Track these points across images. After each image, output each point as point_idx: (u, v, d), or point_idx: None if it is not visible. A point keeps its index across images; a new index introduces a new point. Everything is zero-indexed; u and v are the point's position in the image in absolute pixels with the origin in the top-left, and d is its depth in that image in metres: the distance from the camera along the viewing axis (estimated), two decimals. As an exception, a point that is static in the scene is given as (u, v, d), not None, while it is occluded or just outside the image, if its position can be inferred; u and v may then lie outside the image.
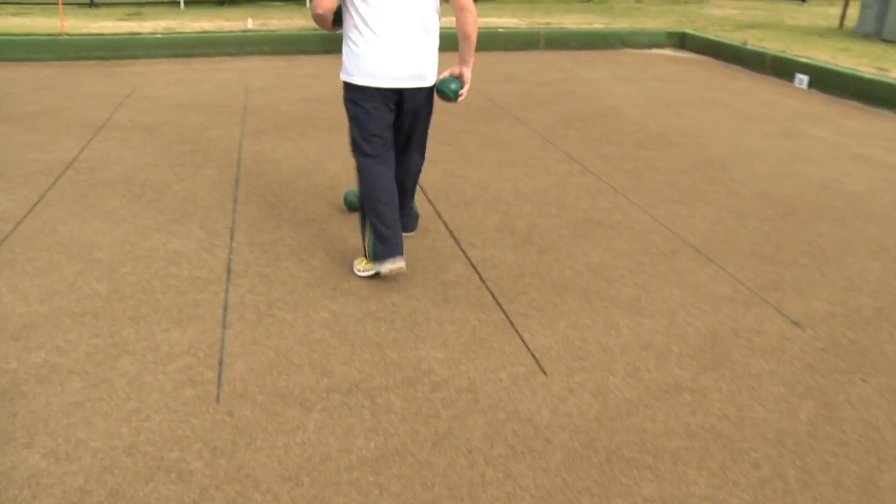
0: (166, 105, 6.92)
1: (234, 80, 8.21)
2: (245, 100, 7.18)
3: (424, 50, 3.42)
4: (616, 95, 7.59)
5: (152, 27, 10.98)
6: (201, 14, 13.05)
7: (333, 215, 4.30)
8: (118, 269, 3.63)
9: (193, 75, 8.47)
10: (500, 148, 5.68)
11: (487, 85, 8.06)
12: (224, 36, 10.08)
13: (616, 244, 4.01)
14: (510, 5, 15.41)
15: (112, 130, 6.04)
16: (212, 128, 6.13)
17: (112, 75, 8.46)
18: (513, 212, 4.42)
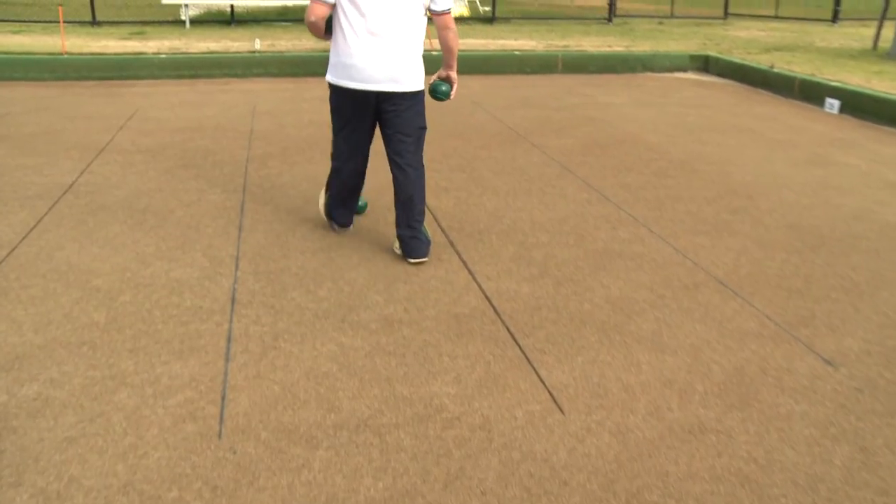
0: (170, 128, 6.99)
1: (240, 102, 8.30)
2: (251, 123, 7.25)
3: (402, 57, 3.93)
4: (637, 121, 7.63)
5: (156, 47, 11.13)
6: (207, 34, 13.23)
7: (343, 244, 4.32)
8: (117, 297, 3.65)
9: (198, 97, 8.56)
10: (515, 175, 5.71)
11: (503, 110, 8.11)
12: (230, 57, 10.20)
13: (636, 276, 4.01)
14: (527, 27, 15.54)
15: (113, 153, 6.11)
16: (217, 152, 6.20)
17: (114, 96, 8.56)
18: (529, 242, 4.43)
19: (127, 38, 12.47)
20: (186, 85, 9.43)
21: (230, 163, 5.89)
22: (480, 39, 12.90)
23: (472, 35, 13.73)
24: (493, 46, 11.88)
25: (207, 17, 15.54)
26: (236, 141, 6.55)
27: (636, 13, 18.48)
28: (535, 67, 10.73)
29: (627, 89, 9.57)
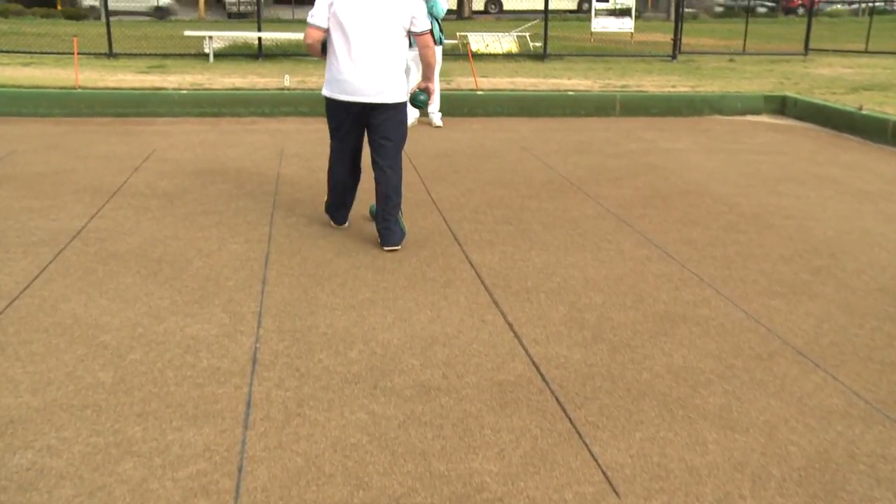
0: (190, 170, 7.16)
1: (266, 143, 8.48)
2: (279, 166, 7.40)
3: (384, 73, 5.08)
4: (703, 169, 7.63)
5: (177, 82, 11.44)
6: (232, 68, 13.57)
7: (376, 301, 4.37)
8: (126, 355, 3.71)
9: (221, 137, 8.77)
10: (567, 228, 5.74)
11: (554, 156, 8.18)
12: (257, 94, 10.44)
13: (702, 343, 3.98)
14: (581, 64, 15.68)
15: (127, 197, 6.27)
16: (240, 197, 6.32)
17: (129, 134, 8.80)
18: (581, 303, 4.43)
19: (145, 71, 12.84)
20: (209, 123, 9.66)
21: (254, 209, 6.01)
22: (530, 78, 13.05)
23: (521, 73, 13.90)
24: (544, 86, 12.01)
25: (233, 50, 15.96)
26: (262, 186, 6.68)
27: (703, 49, 18.58)
28: (590, 109, 10.83)
29: (693, 134, 9.60)
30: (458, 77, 12.81)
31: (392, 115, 5.17)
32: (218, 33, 16.56)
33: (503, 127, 9.89)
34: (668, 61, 16.43)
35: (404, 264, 4.94)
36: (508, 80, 12.76)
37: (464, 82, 12.10)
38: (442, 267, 4.91)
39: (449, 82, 12.01)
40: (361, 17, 5.02)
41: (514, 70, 14.35)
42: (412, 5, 5.11)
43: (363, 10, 5.01)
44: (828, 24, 28.66)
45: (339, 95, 5.12)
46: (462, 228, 5.68)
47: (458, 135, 9.27)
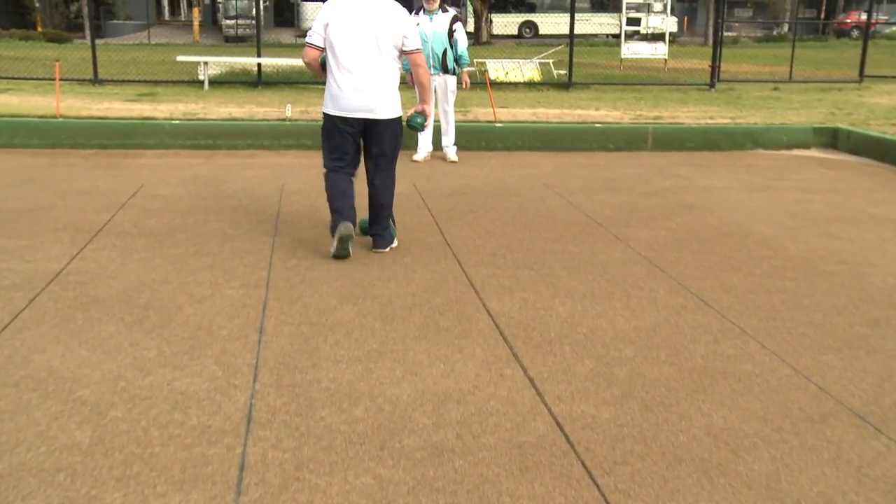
0: (181, 207, 7.21)
1: (266, 178, 8.54)
2: (279, 204, 7.44)
3: (377, 92, 5.91)
4: (745, 209, 7.63)
5: (168, 111, 11.57)
6: (229, 97, 13.72)
7: (384, 353, 4.36)
8: (107, 412, 3.70)
9: (216, 172, 8.83)
10: (594, 274, 5.73)
11: (579, 194, 8.20)
12: (256, 125, 10.54)
13: (745, 403, 3.95)
14: (610, 94, 15.78)
15: (111, 236, 6.31)
16: (236, 237, 6.35)
17: (115, 168, 8.88)
18: (610, 356, 4.41)
19: (134, 99, 12.99)
20: (203, 157, 9.74)
21: (252, 251, 6.03)
22: (554, 109, 13.13)
23: (545, 103, 13.99)
24: (570, 118, 12.08)
25: (230, 77, 16.15)
26: (260, 225, 6.72)
27: (745, 77, 18.63)
28: (619, 143, 10.87)
29: (734, 170, 9.61)
30: (476, 108, 12.90)
31: (387, 130, 6.01)
32: (213, 59, 16.76)
33: (524, 162, 9.94)
34: (705, 90, 16.51)
35: (415, 312, 4.94)
36: (530, 111, 12.84)
37: (481, 113, 12.18)
38: (456, 316, 4.91)
39: (465, 113, 12.10)
40: (355, 37, 5.85)
41: (537, 100, 14.45)
42: (403, 25, 5.93)
43: (357, 31, 5.85)
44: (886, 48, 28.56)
45: (337, 112, 5.97)
46: (479, 273, 5.68)
47: (474, 171, 9.31)
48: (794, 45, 19.15)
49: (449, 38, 9.45)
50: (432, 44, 9.40)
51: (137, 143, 10.14)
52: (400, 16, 5.94)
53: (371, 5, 5.88)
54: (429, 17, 9.48)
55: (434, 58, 9.44)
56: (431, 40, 9.40)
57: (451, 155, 9.82)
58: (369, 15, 5.86)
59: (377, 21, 5.84)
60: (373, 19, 5.85)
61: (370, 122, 5.93)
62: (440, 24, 9.44)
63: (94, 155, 9.72)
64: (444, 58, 9.46)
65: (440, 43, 9.42)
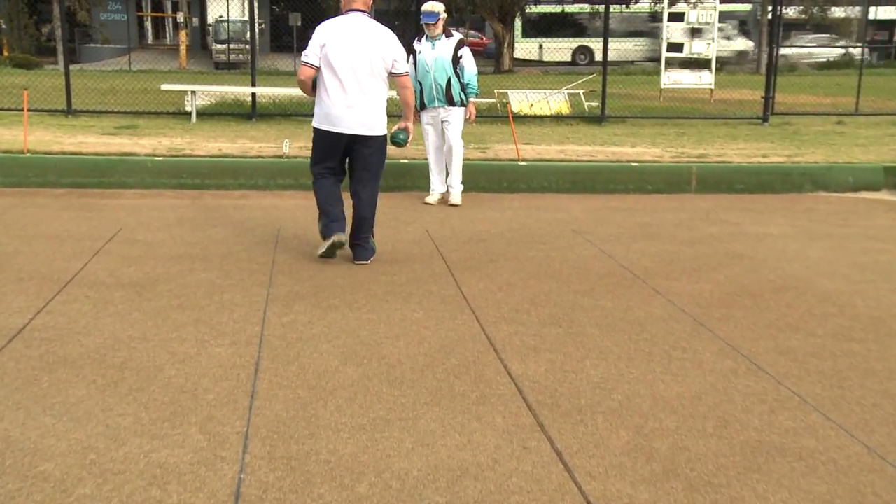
0: (164, 254, 7.25)
1: (260, 222, 8.58)
2: (274, 251, 7.48)
3: (368, 110, 7.12)
4: (804, 260, 7.62)
5: (151, 146, 11.66)
6: (219, 130, 13.83)
7: (391, 421, 4.35)
8: (73, 489, 3.68)
9: (204, 214, 8.88)
10: (631, 332, 5.72)
11: (614, 242, 8.20)
12: (249, 162, 10.62)
13: (808, 485, 3.92)
14: (648, 129, 15.83)
15: (84, 287, 6.34)
16: (225, 289, 6.38)
17: (90, 210, 8.94)
18: (650, 427, 4.39)
19: (112, 132, 13.11)
20: (189, 198, 9.80)
21: (243, 304, 6.05)
22: (584, 146, 13.18)
23: (574, 139, 14.05)
24: (602, 155, 12.12)
25: (220, 108, 16.29)
26: (253, 275, 6.75)
27: (803, 109, 18.62)
28: (659, 184, 10.90)
29: (790, 215, 9.61)
30: (496, 144, 12.96)
31: (373, 146, 7.23)
32: (202, 87, 16.93)
33: (551, 205, 9.97)
34: (757, 124, 16.55)
35: (427, 375, 4.93)
36: (557, 147, 12.89)
37: (503, 150, 12.24)
38: (474, 379, 4.90)
39: (485, 150, 12.16)
40: (350, 58, 7.03)
41: (565, 135, 14.52)
42: (394, 48, 7.20)
43: (351, 53, 7.03)
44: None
45: (329, 127, 7.12)
46: (499, 331, 5.68)
47: (495, 215, 9.34)
48: (861, 72, 18.93)
49: (454, 65, 9.47)
50: (434, 73, 9.44)
51: (115, 181, 10.21)
52: (390, 40, 7.20)
53: (364, 29, 7.10)
54: (431, 44, 9.52)
55: (437, 89, 9.49)
56: (434, 69, 9.44)
57: (454, 197, 9.82)
58: (363, 38, 7.07)
59: (370, 44, 7.07)
60: (366, 42, 7.06)
61: (359, 138, 7.13)
62: (444, 50, 9.46)
63: (65, 195, 9.79)
64: (448, 88, 9.48)
65: (443, 71, 9.45)
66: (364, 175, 7.27)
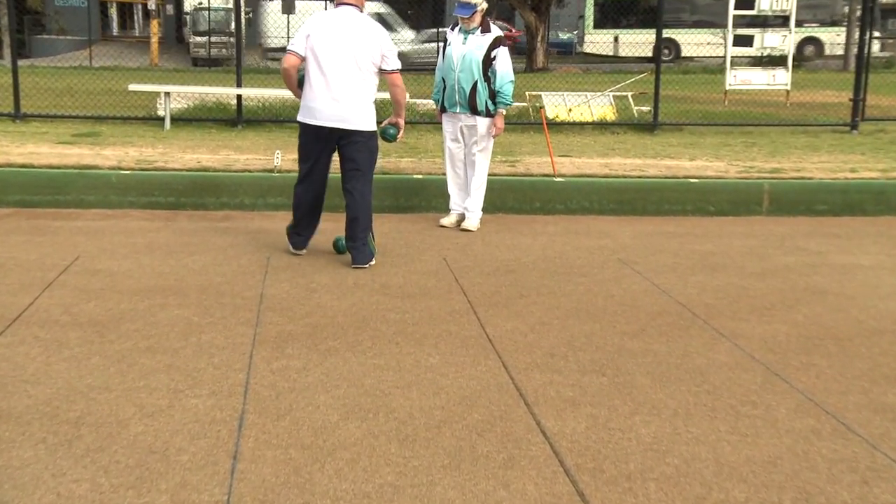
0: (130, 287, 7.27)
1: (246, 249, 8.61)
2: (262, 283, 7.50)
3: (352, 104, 8.00)
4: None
5: (116, 157, 11.70)
6: (198, 139, 13.87)
7: (402, 488, 4.35)
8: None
9: (179, 239, 8.92)
10: (689, 383, 5.70)
11: (668, 274, 8.19)
12: (234, 177, 10.65)
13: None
14: (710, 138, 15.81)
15: (32, 326, 6.36)
16: (204, 328, 6.39)
17: (42, 233, 8.98)
18: (713, 498, 4.38)
19: (69, 141, 13.16)
20: (161, 219, 9.83)
21: (225, 347, 6.06)
22: (633, 159, 13.18)
23: (621, 150, 14.05)
24: (654, 170, 12.11)
25: (200, 112, 16.31)
26: (237, 312, 6.76)
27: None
28: (723, 205, 10.88)
29: (885, 242, 9.58)
30: (528, 156, 12.97)
31: (361, 142, 8.08)
32: (178, 88, 16.98)
33: (593, 230, 9.97)
34: (844, 132, 16.51)
35: (444, 431, 4.93)
36: (601, 160, 12.90)
37: (535, 164, 12.25)
38: (500, 437, 4.89)
39: (514, 164, 12.16)
40: (335, 50, 7.97)
41: (610, 146, 14.52)
42: (383, 43, 8.07)
43: (337, 44, 7.96)
44: None
45: (311, 120, 8.06)
46: (531, 380, 5.67)
47: (526, 241, 9.34)
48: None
49: (485, 67, 9.41)
50: (460, 73, 9.44)
51: (73, 199, 10.23)
52: (378, 35, 8.11)
53: (352, 22, 8.05)
54: (462, 37, 9.53)
55: (460, 92, 9.49)
56: (459, 68, 9.44)
57: (471, 222, 9.79)
58: (350, 31, 8.01)
59: (357, 38, 8.00)
60: (353, 36, 8.00)
61: (343, 133, 8.03)
62: (476, 46, 9.44)
63: (11, 215, 9.83)
64: (472, 94, 9.46)
65: (470, 72, 9.43)
66: (353, 173, 8.15)
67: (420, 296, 7.31)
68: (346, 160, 8.14)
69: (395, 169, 11.48)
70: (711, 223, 10.44)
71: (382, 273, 7.87)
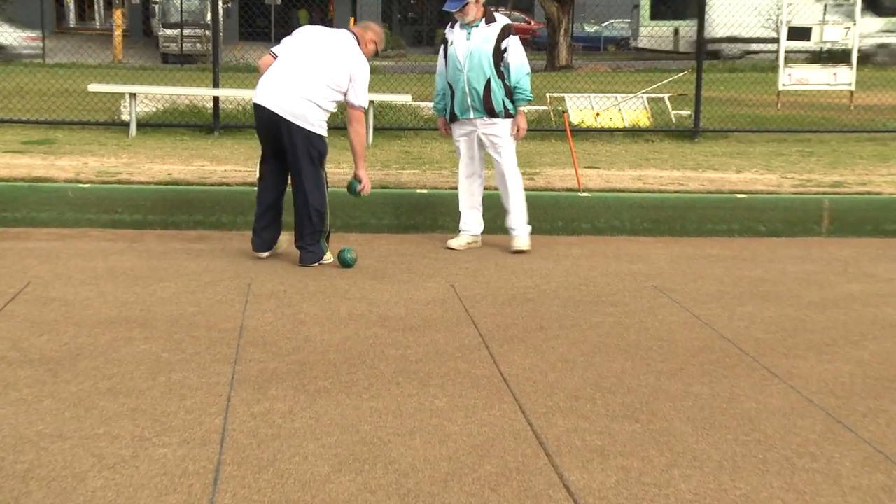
0: (89, 318, 7.27)
1: (223, 273, 8.63)
2: (242, 314, 7.50)
3: (301, 102, 8.80)
4: None
5: (73, 168, 11.71)
6: (169, 147, 13.89)
7: (399, 552, 4.34)
8: None
9: (146, 263, 8.93)
10: (736, 431, 5.69)
11: (711, 304, 8.18)
12: (210, 192, 10.67)
13: None
14: (760, 147, 15.81)
15: (-19, 364, 6.36)
16: (174, 366, 6.38)
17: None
18: (765, 564, 4.37)
19: (19, 150, 13.19)
20: (125, 240, 9.85)
21: (199, 388, 6.05)
22: (671, 171, 13.18)
23: (656, 161, 14.06)
24: (695, 184, 12.11)
25: (170, 117, 16.33)
26: (212, 347, 6.76)
27: None
28: (775, 224, 10.89)
29: (960, 269, 9.57)
30: (548, 168, 12.98)
31: (298, 139, 8.84)
32: (146, 89, 17.01)
33: (623, 252, 9.98)
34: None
35: (452, 485, 4.93)
36: (633, 173, 12.90)
37: (557, 176, 12.26)
38: (517, 493, 4.89)
39: (533, 177, 12.16)
40: (309, 54, 8.95)
41: (644, 156, 14.53)
42: (356, 71, 8.96)
43: (313, 50, 8.97)
44: None
45: (260, 101, 8.96)
46: (552, 427, 5.66)
47: (546, 265, 9.35)
48: None
49: (496, 61, 9.46)
50: (469, 73, 9.47)
51: (22, 217, 10.24)
52: (357, 62, 9.00)
53: (337, 40, 9.11)
54: (466, 33, 9.56)
55: (472, 95, 9.52)
56: (468, 67, 9.48)
57: (520, 241, 9.83)
58: (330, 46, 9.04)
59: (334, 54, 8.98)
60: (331, 50, 8.99)
61: (284, 125, 8.83)
62: (482, 40, 9.47)
63: (-44, 235, 9.85)
64: (486, 93, 9.50)
65: (480, 70, 9.46)
66: (296, 174, 9.02)
67: (424, 328, 7.32)
68: (288, 156, 8.96)
69: (395, 182, 11.50)
70: (762, 245, 10.44)
71: (381, 302, 7.87)
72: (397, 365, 6.54)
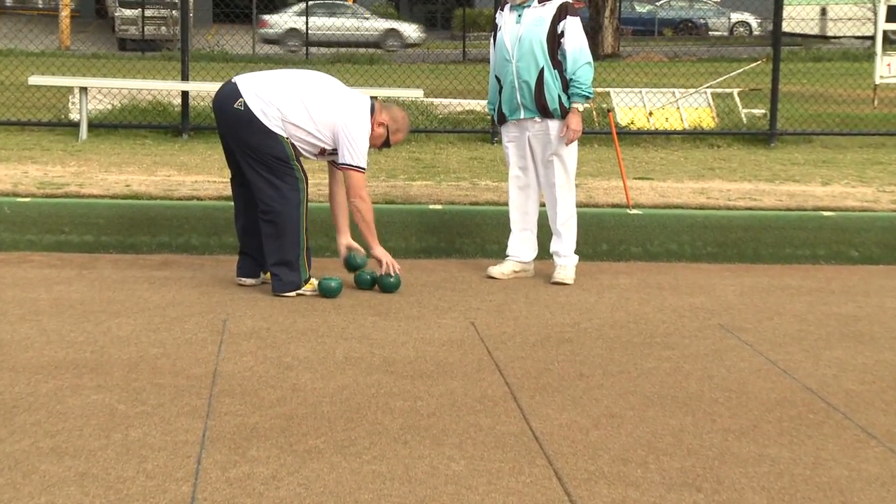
0: (29, 362, 7.29)
1: (193, 306, 8.65)
2: (216, 357, 7.51)
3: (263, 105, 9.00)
4: None
5: (10, 178, 11.76)
6: (128, 153, 13.92)
7: None
8: None
9: (99, 295, 8.96)
10: (821, 503, 5.68)
11: (791, 346, 8.18)
12: (178, 207, 10.71)
13: None
14: (852, 154, 15.78)
15: None
16: (134, 421, 6.39)
17: None
18: None
19: (-52, 158, 13.24)
20: (74, 266, 9.87)
21: (163, 448, 6.05)
22: (741, 182, 13.18)
23: (723, 171, 14.05)
24: (771, 199, 12.12)
25: (130, 116, 16.38)
26: (179, 397, 6.76)
27: None
28: (871, 249, 10.87)
29: None
30: (591, 179, 12.98)
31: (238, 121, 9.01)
32: (99, 82, 17.08)
33: (682, 283, 9.98)
34: None
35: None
36: (694, 185, 12.91)
37: (601, 189, 12.28)
38: (553, 579, 4.89)
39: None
40: (311, 81, 9.41)
41: (707, 165, 14.54)
42: (349, 121, 9.09)
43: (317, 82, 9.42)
44: None
45: (217, 96, 9.42)
46: (595, 497, 5.66)
47: (588, 297, 9.36)
48: None
49: (552, 47, 9.32)
50: (518, 62, 9.38)
51: (-51, 239, 10.30)
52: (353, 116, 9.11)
53: (344, 89, 9.52)
54: (516, 15, 9.42)
55: (521, 90, 9.44)
56: (516, 56, 9.39)
57: (564, 272, 9.81)
58: (334, 87, 9.45)
59: (332, 94, 9.29)
60: (331, 91, 9.35)
61: (233, 132, 9.13)
62: (533, 22, 9.35)
63: None
64: (539, 87, 9.39)
65: (532, 58, 9.37)
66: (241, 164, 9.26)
67: (438, 375, 7.32)
68: (243, 172, 9.26)
69: (403, 197, 11.53)
70: (854, 274, 10.44)
71: (385, 342, 7.88)
72: (405, 420, 6.54)
